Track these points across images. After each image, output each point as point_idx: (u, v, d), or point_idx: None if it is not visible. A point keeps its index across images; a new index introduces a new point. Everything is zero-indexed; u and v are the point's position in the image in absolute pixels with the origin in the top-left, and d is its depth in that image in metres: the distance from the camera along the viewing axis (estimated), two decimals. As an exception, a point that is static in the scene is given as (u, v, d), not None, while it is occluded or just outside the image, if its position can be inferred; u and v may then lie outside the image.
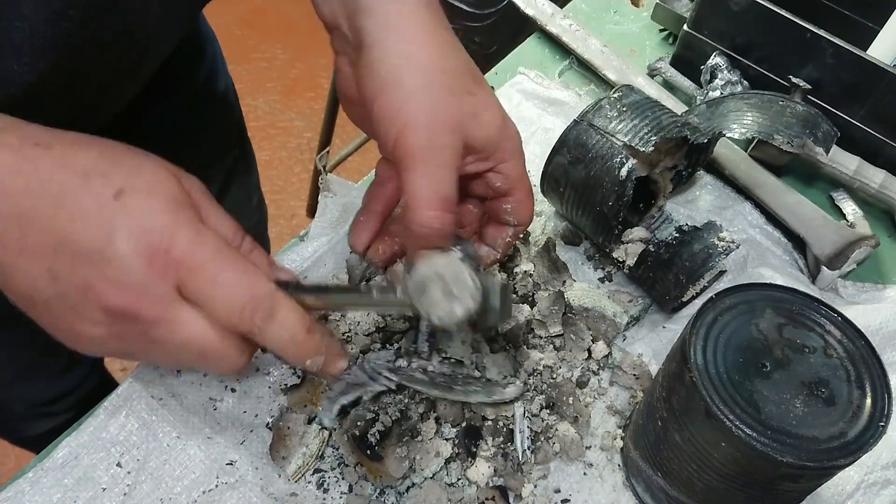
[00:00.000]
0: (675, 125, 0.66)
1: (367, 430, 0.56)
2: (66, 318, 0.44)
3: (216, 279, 0.44)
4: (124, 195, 0.43)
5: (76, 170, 0.43)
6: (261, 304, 0.45)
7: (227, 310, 0.45)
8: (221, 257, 0.45)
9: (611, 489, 0.58)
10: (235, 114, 0.96)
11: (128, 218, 0.42)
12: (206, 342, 0.45)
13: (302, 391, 0.61)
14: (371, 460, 0.55)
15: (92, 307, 0.43)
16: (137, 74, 0.65)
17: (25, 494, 0.54)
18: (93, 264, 0.42)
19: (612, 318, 0.66)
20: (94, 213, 0.42)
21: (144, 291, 0.43)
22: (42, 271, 0.43)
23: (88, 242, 0.42)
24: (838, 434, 0.44)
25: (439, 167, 0.50)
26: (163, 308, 0.44)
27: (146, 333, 0.45)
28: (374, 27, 0.51)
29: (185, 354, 0.46)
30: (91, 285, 0.42)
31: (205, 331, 0.45)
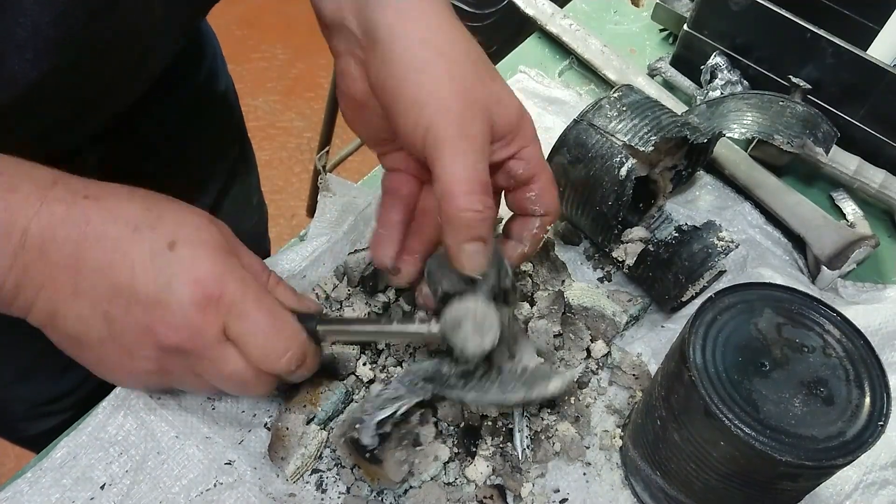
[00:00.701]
0: (675, 125, 0.66)
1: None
2: (116, 355, 0.50)
3: (258, 328, 0.49)
4: (176, 246, 0.47)
5: (127, 222, 0.47)
6: (295, 357, 0.51)
7: (264, 355, 0.50)
8: (265, 306, 0.50)
9: (609, 488, 0.58)
10: (235, 114, 0.96)
11: (182, 267, 0.47)
12: (246, 377, 0.51)
13: (301, 392, 0.61)
14: (370, 464, 0.55)
15: (147, 346, 0.48)
16: (140, 75, 0.65)
17: (24, 494, 0.54)
18: (150, 309, 0.47)
19: (611, 317, 0.66)
20: (149, 263, 0.47)
21: (197, 332, 0.48)
22: (96, 314, 0.47)
23: (146, 289, 0.47)
24: (837, 434, 0.44)
25: (475, 152, 0.49)
26: (211, 346, 0.49)
27: (192, 368, 0.50)
28: (389, 18, 0.51)
29: (224, 385, 0.52)
30: (149, 327, 0.47)
31: (244, 367, 0.50)
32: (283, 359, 0.50)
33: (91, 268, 0.46)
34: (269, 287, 0.54)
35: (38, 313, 0.47)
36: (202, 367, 0.50)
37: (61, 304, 0.47)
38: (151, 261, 0.47)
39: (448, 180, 0.48)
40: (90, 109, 0.61)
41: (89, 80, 0.57)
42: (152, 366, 0.50)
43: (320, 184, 0.71)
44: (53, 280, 0.46)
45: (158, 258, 0.47)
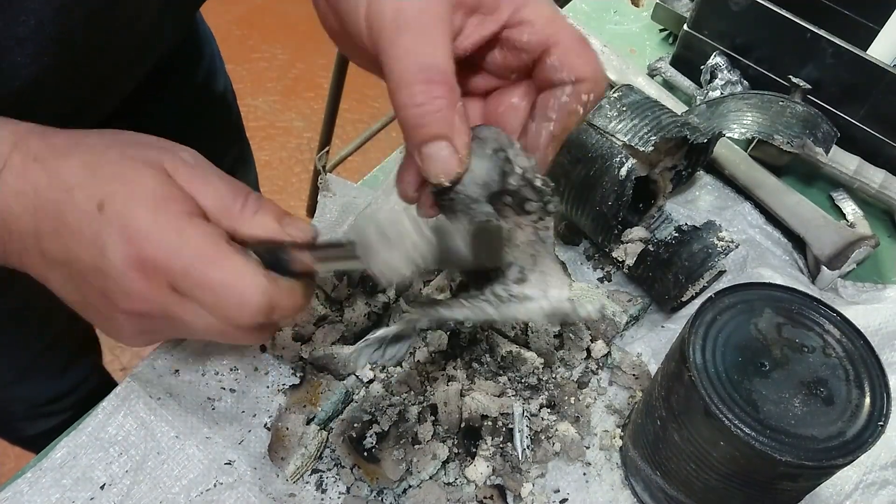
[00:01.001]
0: (675, 125, 0.66)
1: (365, 433, 0.56)
2: (99, 318, 0.47)
3: (206, 283, 0.43)
4: (105, 206, 0.42)
5: (63, 185, 0.43)
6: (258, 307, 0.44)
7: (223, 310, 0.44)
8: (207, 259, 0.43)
9: (609, 488, 0.58)
10: (234, 114, 0.96)
11: (110, 228, 0.42)
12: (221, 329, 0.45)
13: (301, 391, 0.61)
14: (368, 462, 0.55)
15: (115, 311, 0.45)
16: (135, 70, 0.65)
17: (24, 494, 0.54)
18: (97, 277, 0.43)
19: (611, 317, 0.66)
20: (84, 230, 0.43)
21: (147, 297, 0.43)
22: (67, 281, 0.45)
23: (87, 258, 0.43)
24: (837, 434, 0.44)
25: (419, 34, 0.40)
26: (170, 308, 0.44)
27: (170, 324, 0.46)
28: None
29: (208, 336, 0.47)
30: (105, 294, 0.44)
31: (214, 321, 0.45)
32: (243, 312, 0.43)
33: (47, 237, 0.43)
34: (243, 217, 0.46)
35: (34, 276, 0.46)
36: (177, 324, 0.45)
37: (40, 270, 0.45)
38: (86, 226, 0.43)
39: (387, 76, 0.41)
40: (86, 104, 0.62)
41: (87, 75, 0.57)
42: (133, 327, 0.46)
43: (320, 184, 0.71)
44: (26, 250, 0.44)
45: (90, 222, 0.42)
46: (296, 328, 0.63)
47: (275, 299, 0.44)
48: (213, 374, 0.61)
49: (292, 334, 0.63)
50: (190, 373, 0.61)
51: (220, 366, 0.61)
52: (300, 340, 0.63)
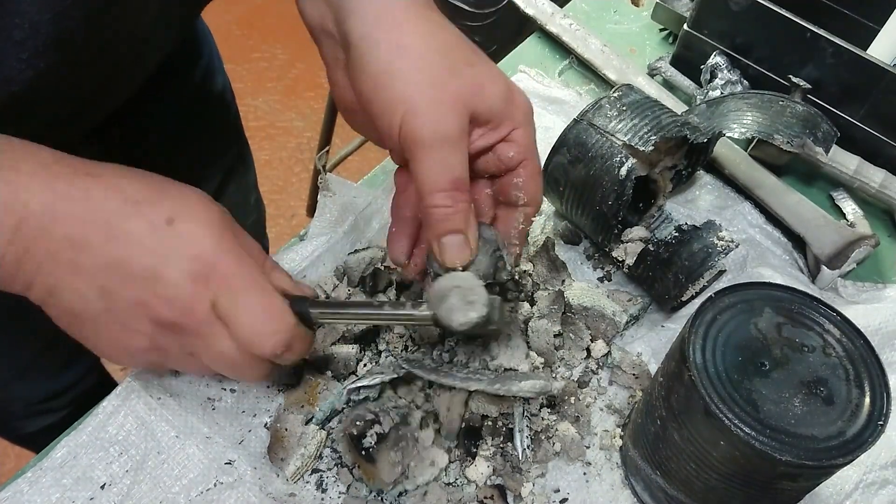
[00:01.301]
0: (675, 125, 0.66)
1: (366, 431, 0.56)
2: (112, 330, 0.49)
3: (247, 307, 0.49)
4: (175, 222, 0.47)
5: (127, 198, 0.47)
6: (282, 341, 0.50)
7: (251, 334, 0.49)
8: (257, 287, 0.50)
9: (609, 488, 0.58)
10: (232, 113, 0.96)
11: (180, 242, 0.47)
12: (234, 358, 0.50)
13: (298, 392, 0.61)
14: (365, 461, 0.55)
15: (141, 320, 0.48)
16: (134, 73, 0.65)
17: (24, 494, 0.54)
18: (146, 283, 0.47)
19: (611, 317, 0.66)
20: (147, 238, 0.47)
21: (191, 307, 0.48)
22: (92, 289, 0.47)
23: (143, 263, 0.47)
24: (837, 433, 0.44)
25: (446, 149, 0.50)
26: (203, 323, 0.48)
27: (185, 346, 0.50)
28: (359, 24, 0.51)
29: (216, 366, 0.52)
30: (143, 301, 0.47)
31: (233, 348, 0.50)
32: (270, 341, 0.50)
33: (90, 243, 0.46)
34: (265, 270, 0.53)
35: (37, 290, 0.47)
36: (194, 344, 0.50)
37: (60, 279, 0.46)
38: (150, 235, 0.47)
39: (420, 180, 0.50)
40: (85, 107, 0.62)
41: (85, 79, 0.57)
42: (147, 342, 0.50)
43: (320, 184, 0.71)
44: (53, 256, 0.46)
45: (157, 233, 0.47)
46: (296, 328, 0.63)
47: (295, 339, 0.51)
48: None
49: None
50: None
51: (221, 365, 0.61)
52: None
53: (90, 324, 0.49)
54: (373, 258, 0.68)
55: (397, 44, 0.50)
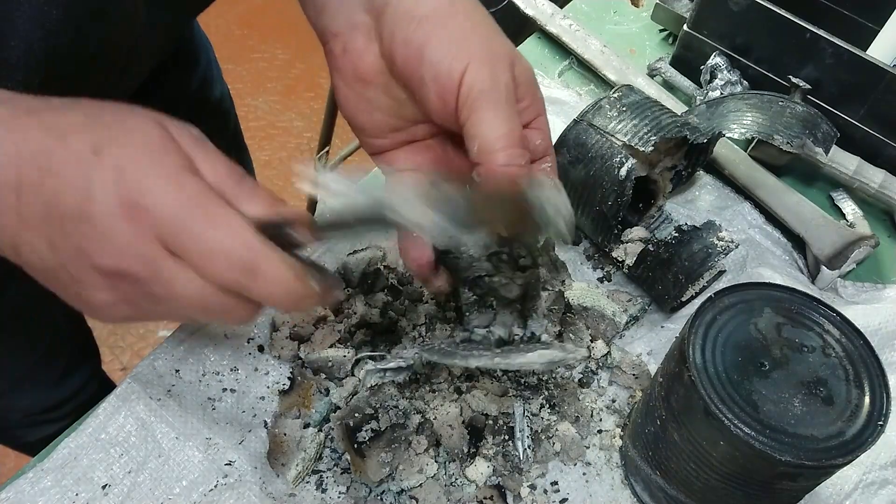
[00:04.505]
0: (675, 125, 0.66)
1: (362, 425, 0.56)
2: (72, 286, 0.43)
3: (193, 233, 0.41)
4: (102, 150, 0.40)
5: (58, 132, 0.41)
6: (239, 261, 0.42)
7: (209, 266, 0.42)
8: (198, 208, 0.41)
9: (609, 488, 0.58)
10: (231, 121, 0.96)
11: (103, 172, 0.40)
12: (204, 297, 0.42)
13: (293, 395, 0.61)
14: (356, 455, 0.55)
15: (89, 271, 0.42)
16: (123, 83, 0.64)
17: (25, 494, 0.54)
18: (79, 226, 0.40)
19: (611, 317, 0.66)
20: (73, 172, 0.40)
21: (129, 249, 0.41)
22: (41, 241, 0.41)
23: (71, 203, 0.40)
24: (836, 433, 0.44)
25: (510, 104, 0.47)
26: (151, 265, 0.41)
27: (148, 293, 0.43)
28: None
29: (189, 310, 0.44)
30: (82, 248, 0.41)
31: (198, 286, 0.42)
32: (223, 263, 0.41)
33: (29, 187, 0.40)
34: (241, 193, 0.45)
35: (5, 249, 0.42)
36: (156, 290, 0.42)
37: (14, 232, 0.41)
38: (75, 169, 0.40)
39: (488, 135, 0.46)
40: None
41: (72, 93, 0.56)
42: (108, 295, 0.43)
43: (320, 184, 0.71)
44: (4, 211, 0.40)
45: (82, 165, 0.40)
46: (295, 328, 0.63)
47: (259, 260, 0.42)
48: (214, 375, 0.61)
49: (291, 333, 0.63)
50: (190, 373, 0.61)
51: (221, 366, 0.61)
52: (298, 340, 0.63)
53: (53, 280, 0.43)
54: (372, 258, 0.68)
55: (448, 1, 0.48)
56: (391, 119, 0.55)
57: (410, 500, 0.56)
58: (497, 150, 0.46)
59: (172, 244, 0.41)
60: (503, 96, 0.47)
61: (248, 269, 0.42)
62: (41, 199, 0.40)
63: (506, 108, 0.47)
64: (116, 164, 0.40)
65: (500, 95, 0.47)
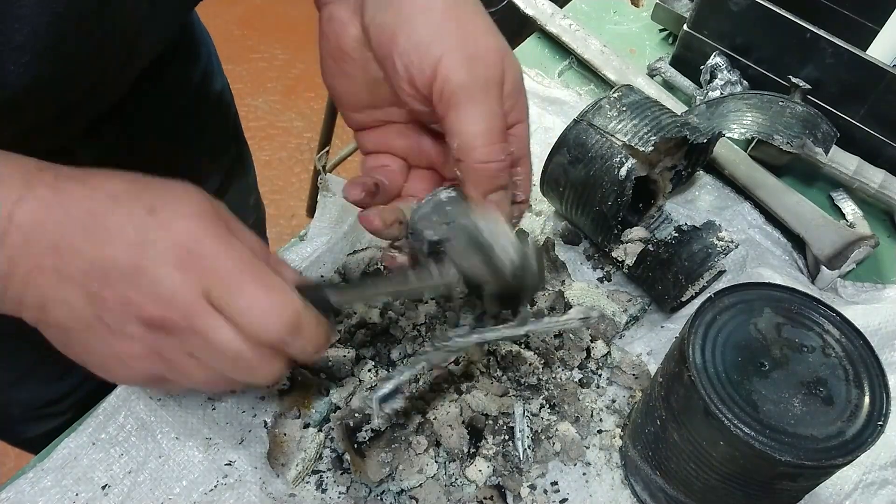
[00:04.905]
0: (675, 125, 0.66)
1: (362, 425, 0.56)
2: (105, 340, 0.45)
3: (242, 290, 0.43)
4: (156, 211, 0.43)
5: (107, 194, 0.43)
6: (289, 320, 0.44)
7: (253, 322, 0.44)
8: (249, 268, 0.44)
9: (609, 488, 0.58)
10: (231, 115, 0.96)
11: (160, 230, 0.43)
12: (239, 350, 0.44)
13: (293, 395, 0.61)
14: (356, 455, 0.55)
15: (130, 321, 0.43)
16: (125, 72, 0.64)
17: (25, 494, 0.54)
18: (129, 279, 0.42)
19: (611, 317, 0.66)
20: (127, 230, 0.42)
21: (177, 299, 0.43)
22: (79, 296, 0.43)
23: (124, 258, 0.42)
24: (836, 433, 0.44)
25: (490, 97, 0.46)
26: (195, 315, 0.43)
27: (182, 345, 0.45)
28: None
29: (219, 363, 0.45)
30: (128, 298, 0.43)
31: (236, 339, 0.44)
32: (275, 320, 0.44)
33: (71, 246, 0.42)
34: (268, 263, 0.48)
35: (29, 307, 0.44)
36: (191, 343, 0.44)
37: (48, 291, 0.43)
38: (129, 227, 0.42)
39: (467, 132, 0.46)
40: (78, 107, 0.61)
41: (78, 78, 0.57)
42: (141, 348, 0.45)
43: (320, 184, 0.71)
44: (39, 267, 0.42)
45: (137, 223, 0.43)
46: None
47: (303, 321, 0.45)
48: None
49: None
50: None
51: (221, 366, 0.61)
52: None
53: (83, 335, 0.45)
54: (372, 258, 0.68)
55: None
56: (367, 96, 0.54)
57: (410, 500, 0.56)
58: (476, 146, 0.46)
59: (218, 299, 0.43)
60: (483, 91, 0.46)
61: (295, 327, 0.44)
62: (87, 256, 0.42)
63: (486, 104, 0.46)
64: (172, 223, 0.43)
65: (479, 90, 0.45)
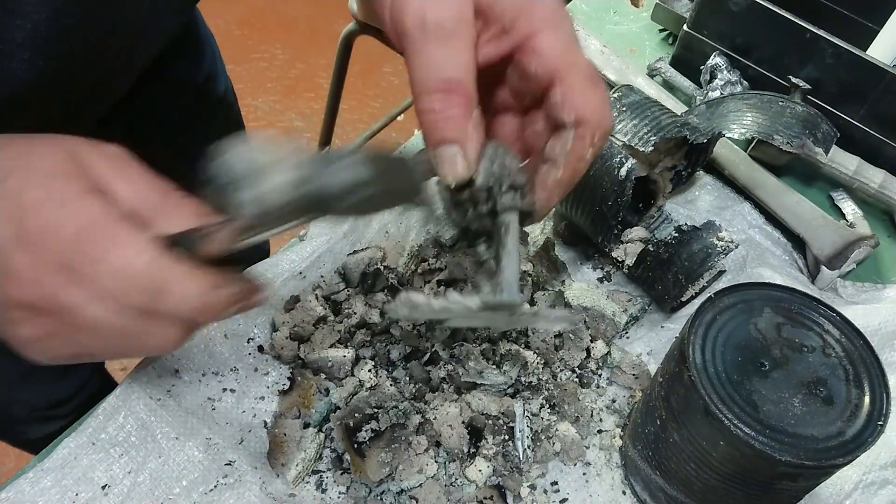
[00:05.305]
0: (675, 125, 0.66)
1: (362, 425, 0.56)
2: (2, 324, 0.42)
3: (89, 257, 0.39)
4: (6, 182, 0.39)
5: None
6: (142, 282, 0.39)
7: (111, 290, 0.39)
8: (98, 233, 0.39)
9: (609, 488, 0.58)
10: (234, 115, 0.97)
11: (5, 200, 0.39)
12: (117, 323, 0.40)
13: (293, 395, 0.61)
14: (356, 455, 0.55)
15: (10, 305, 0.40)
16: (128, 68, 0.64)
17: (25, 494, 0.54)
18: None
19: (611, 317, 0.66)
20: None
21: (35, 279, 0.39)
22: None
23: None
24: (836, 433, 0.44)
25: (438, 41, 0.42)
26: (59, 293, 0.39)
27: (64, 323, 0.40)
28: None
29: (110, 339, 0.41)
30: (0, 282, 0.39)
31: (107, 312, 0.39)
32: (127, 284, 0.39)
33: None
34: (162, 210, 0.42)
35: None
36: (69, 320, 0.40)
37: None
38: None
39: (411, 78, 0.42)
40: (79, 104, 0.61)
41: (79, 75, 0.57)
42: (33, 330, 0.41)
43: (320, 184, 0.71)
44: None
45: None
46: (295, 328, 0.63)
47: (165, 278, 0.39)
48: (213, 375, 0.61)
49: (290, 333, 0.63)
50: (190, 373, 0.61)
51: (221, 366, 0.61)
52: (298, 340, 0.63)
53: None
54: (372, 259, 0.68)
55: None
56: None
57: (410, 500, 0.56)
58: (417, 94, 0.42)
59: (71, 272, 0.39)
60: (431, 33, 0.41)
61: (153, 289, 0.39)
62: None
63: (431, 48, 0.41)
64: (14, 198, 0.39)
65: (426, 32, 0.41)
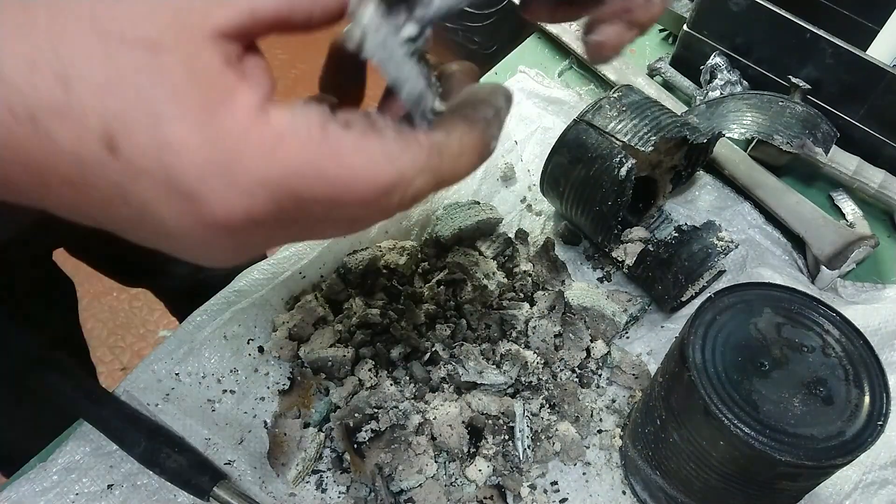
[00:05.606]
0: (675, 125, 0.66)
1: (362, 425, 0.56)
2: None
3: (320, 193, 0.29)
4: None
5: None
6: (385, 192, 0.31)
7: (352, 207, 0.31)
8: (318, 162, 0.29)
9: (609, 488, 0.58)
10: None
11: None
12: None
13: (293, 395, 0.61)
14: (355, 454, 0.55)
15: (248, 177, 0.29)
16: None
17: (26, 494, 0.54)
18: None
19: (611, 317, 0.66)
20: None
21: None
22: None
23: None
24: (836, 433, 0.44)
25: None
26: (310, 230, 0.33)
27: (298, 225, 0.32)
28: None
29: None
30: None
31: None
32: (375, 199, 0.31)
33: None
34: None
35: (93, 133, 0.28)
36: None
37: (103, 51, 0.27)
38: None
39: None
40: None
41: None
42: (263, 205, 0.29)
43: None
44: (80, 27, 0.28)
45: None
46: (294, 328, 0.63)
47: (406, 168, 0.31)
48: (213, 376, 0.61)
49: (290, 333, 0.63)
50: (190, 375, 0.60)
51: (220, 367, 0.61)
52: (298, 340, 0.63)
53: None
54: (372, 258, 0.68)
55: None
56: None
57: (410, 500, 0.56)
58: None
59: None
60: None
61: (399, 185, 0.31)
62: None
63: None
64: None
65: None
